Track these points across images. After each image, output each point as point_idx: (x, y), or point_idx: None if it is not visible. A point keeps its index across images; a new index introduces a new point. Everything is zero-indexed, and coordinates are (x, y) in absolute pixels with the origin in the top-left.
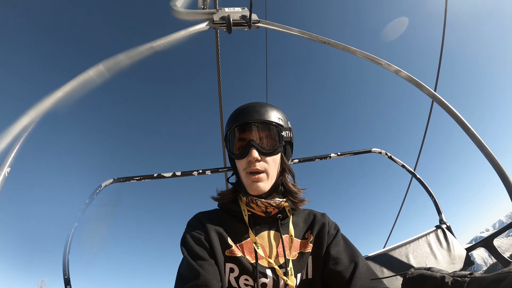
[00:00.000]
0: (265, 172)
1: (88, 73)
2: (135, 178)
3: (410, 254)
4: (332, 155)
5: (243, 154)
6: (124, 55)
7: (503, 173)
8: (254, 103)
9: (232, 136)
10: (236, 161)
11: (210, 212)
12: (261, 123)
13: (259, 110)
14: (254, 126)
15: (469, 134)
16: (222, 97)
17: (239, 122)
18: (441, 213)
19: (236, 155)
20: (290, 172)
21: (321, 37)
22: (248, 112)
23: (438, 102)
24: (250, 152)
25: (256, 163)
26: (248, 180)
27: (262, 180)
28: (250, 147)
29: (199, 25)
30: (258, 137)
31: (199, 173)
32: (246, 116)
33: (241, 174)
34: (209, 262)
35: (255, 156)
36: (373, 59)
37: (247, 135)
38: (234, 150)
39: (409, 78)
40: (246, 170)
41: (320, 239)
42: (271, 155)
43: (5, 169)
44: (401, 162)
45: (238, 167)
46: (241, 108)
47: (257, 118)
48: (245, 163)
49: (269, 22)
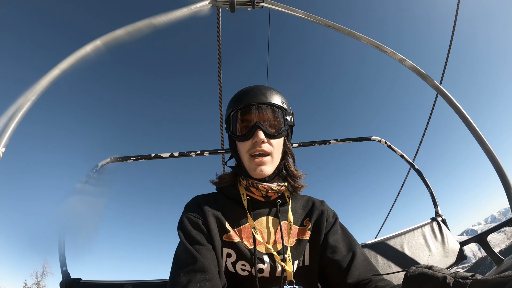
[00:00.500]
0: (270, 155)
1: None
2: (132, 158)
3: (405, 245)
4: (332, 141)
5: (248, 135)
6: (123, 30)
7: (501, 169)
8: (258, 86)
9: (236, 118)
10: (239, 144)
11: (209, 196)
12: (267, 105)
13: (264, 92)
14: (260, 108)
15: (470, 129)
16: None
17: (244, 103)
18: (437, 205)
19: (240, 136)
20: (291, 156)
21: (326, 21)
22: (254, 94)
23: (442, 94)
24: (256, 133)
25: (262, 145)
26: (251, 163)
27: (266, 163)
28: (256, 128)
29: (201, 3)
30: (264, 119)
31: (197, 154)
32: (252, 97)
33: (243, 157)
34: (206, 247)
35: (261, 137)
36: (378, 46)
37: (253, 117)
38: (238, 131)
39: (414, 68)
40: (250, 152)
41: (318, 227)
42: (276, 138)
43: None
44: (400, 152)
45: (241, 150)
46: (245, 90)
47: (263, 100)
48: (249, 145)
49: (273, 2)
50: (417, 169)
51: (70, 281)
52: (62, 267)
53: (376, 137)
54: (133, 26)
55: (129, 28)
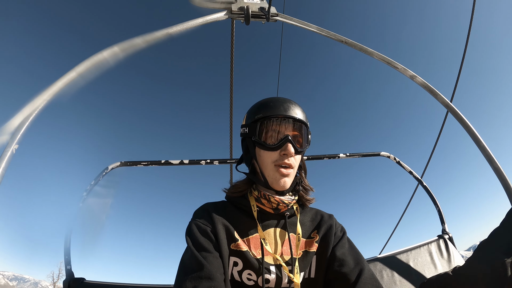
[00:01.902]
0: (293, 169)
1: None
2: (142, 163)
3: (411, 261)
4: (341, 155)
5: (278, 146)
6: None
7: (509, 186)
8: (288, 99)
9: (265, 125)
10: (264, 152)
11: (218, 204)
12: (298, 121)
13: (295, 108)
14: (293, 123)
15: (479, 146)
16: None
17: (278, 113)
18: (445, 223)
19: (268, 145)
20: (304, 170)
21: (339, 36)
22: (288, 107)
23: (452, 112)
24: (287, 146)
25: (290, 158)
26: (276, 173)
27: (289, 175)
28: (287, 141)
29: (216, 14)
30: (294, 134)
31: (206, 162)
32: (286, 109)
33: (267, 167)
34: (213, 255)
35: (292, 151)
36: (389, 63)
37: (285, 129)
38: (264, 139)
39: (424, 84)
40: (276, 163)
41: (326, 240)
42: (300, 154)
43: (13, 146)
44: (408, 168)
45: (265, 158)
46: (277, 100)
47: (295, 116)
48: (276, 156)
49: (288, 16)
50: (425, 186)
51: (74, 280)
52: (67, 265)
53: (385, 152)
54: (151, 35)
55: (147, 37)
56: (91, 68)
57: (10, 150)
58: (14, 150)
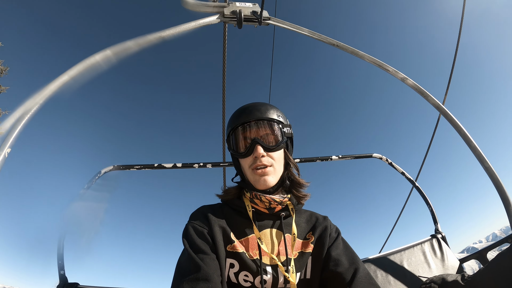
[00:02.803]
0: (272, 166)
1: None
2: (135, 166)
3: (405, 261)
4: (334, 158)
5: (248, 152)
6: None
7: (501, 188)
8: (254, 103)
9: (235, 136)
10: (241, 160)
11: (214, 206)
12: (263, 120)
13: (259, 109)
14: (257, 124)
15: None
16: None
17: (241, 121)
18: (437, 223)
19: (241, 154)
20: (294, 166)
21: (330, 39)
22: (250, 111)
23: (443, 113)
24: (256, 148)
25: (262, 158)
26: (254, 175)
27: (269, 173)
28: (255, 144)
29: (209, 18)
30: (261, 134)
31: (199, 166)
32: (248, 115)
33: (247, 172)
34: (210, 256)
35: (260, 152)
36: (380, 65)
37: (251, 133)
38: (238, 149)
39: (416, 86)
40: (252, 167)
41: (321, 241)
42: (275, 151)
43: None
44: (401, 169)
45: (243, 166)
46: (241, 109)
47: (259, 116)
48: (250, 160)
49: (279, 20)
50: (417, 186)
51: (67, 285)
52: (60, 271)
53: (377, 154)
54: (143, 38)
55: (139, 40)
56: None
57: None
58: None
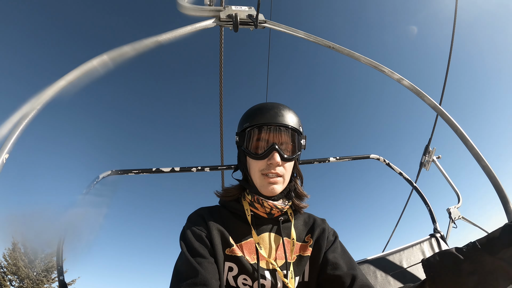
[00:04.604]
0: (282, 177)
1: (92, 63)
2: (133, 171)
3: (404, 261)
4: (331, 159)
5: (263, 156)
6: (129, 46)
7: (499, 186)
8: (278, 105)
9: (252, 134)
10: (252, 161)
11: (212, 208)
12: (286, 128)
13: (284, 114)
14: (280, 130)
15: (467, 145)
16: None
17: (263, 121)
18: (436, 222)
19: (255, 155)
20: (300, 177)
21: (326, 41)
22: (275, 114)
23: (439, 113)
24: (273, 155)
25: (277, 167)
26: (263, 181)
27: (278, 182)
28: (273, 150)
29: (205, 22)
30: (281, 141)
31: (198, 169)
32: (273, 117)
33: (255, 175)
34: (208, 260)
35: (277, 160)
36: (376, 66)
37: (271, 137)
38: (252, 148)
39: (412, 87)
40: (263, 172)
41: (319, 244)
42: (289, 161)
43: (4, 155)
44: (398, 170)
45: (253, 167)
46: (265, 107)
47: (283, 122)
48: (263, 165)
49: (275, 23)
50: (415, 186)
51: None
52: (60, 276)
53: (375, 155)
54: (140, 43)
55: (136, 45)
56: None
57: (0, 160)
58: (5, 159)
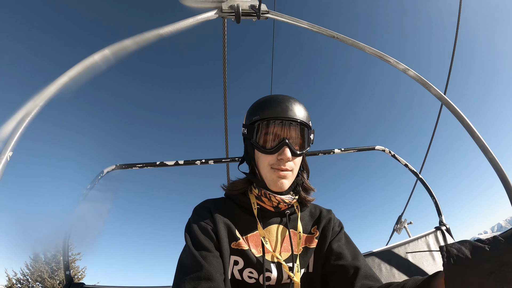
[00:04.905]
0: (292, 171)
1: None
2: (137, 165)
3: (409, 254)
4: (336, 151)
5: (275, 150)
6: (131, 40)
7: (505, 178)
8: (289, 98)
9: (262, 127)
10: (261, 154)
11: (218, 201)
12: (297, 123)
13: (295, 108)
14: (291, 124)
15: (474, 137)
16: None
17: (274, 115)
18: (442, 214)
19: (266, 149)
20: (307, 171)
21: (330, 31)
22: (286, 107)
23: (445, 103)
24: (284, 150)
25: (287, 163)
26: (273, 175)
27: (287, 177)
28: (284, 145)
29: (207, 13)
30: (292, 136)
31: (202, 162)
32: (284, 110)
33: (264, 169)
34: (213, 254)
35: (288, 155)
36: (381, 56)
37: (282, 132)
38: (261, 141)
39: (417, 77)
40: (272, 166)
41: (325, 235)
42: (299, 157)
43: (8, 153)
44: (404, 161)
45: (262, 160)
46: (276, 99)
47: (295, 116)
48: (273, 159)
49: (278, 13)
50: (420, 178)
51: (73, 285)
52: (66, 271)
53: (380, 146)
54: (141, 36)
55: (137, 38)
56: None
57: (5, 157)
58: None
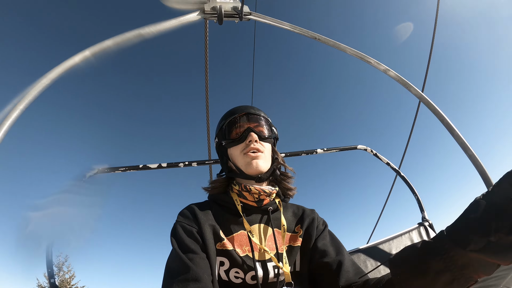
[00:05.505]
0: (263, 153)
1: (74, 60)
2: (120, 169)
3: (393, 250)
4: (319, 151)
5: (241, 138)
6: (111, 41)
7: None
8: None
9: (228, 127)
10: (233, 149)
11: (202, 204)
12: (256, 115)
13: (255, 108)
14: (250, 117)
15: (453, 135)
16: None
17: (237, 114)
18: (424, 210)
19: (234, 140)
20: (281, 161)
21: (311, 33)
22: (244, 107)
23: (425, 103)
24: (250, 134)
25: (255, 143)
26: (246, 158)
27: (260, 157)
28: (249, 131)
29: (189, 15)
30: (254, 125)
31: (185, 165)
32: (243, 110)
33: (238, 158)
34: (200, 256)
35: (254, 136)
36: (362, 57)
37: (246, 123)
38: (231, 137)
39: (398, 77)
40: (244, 151)
41: (309, 234)
42: (266, 141)
43: None
44: (385, 160)
45: (234, 153)
46: (236, 107)
47: (252, 111)
48: (243, 146)
49: (260, 15)
50: (402, 176)
51: None
52: (50, 279)
53: (362, 145)
54: (122, 36)
55: (118, 38)
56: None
57: None
58: None
